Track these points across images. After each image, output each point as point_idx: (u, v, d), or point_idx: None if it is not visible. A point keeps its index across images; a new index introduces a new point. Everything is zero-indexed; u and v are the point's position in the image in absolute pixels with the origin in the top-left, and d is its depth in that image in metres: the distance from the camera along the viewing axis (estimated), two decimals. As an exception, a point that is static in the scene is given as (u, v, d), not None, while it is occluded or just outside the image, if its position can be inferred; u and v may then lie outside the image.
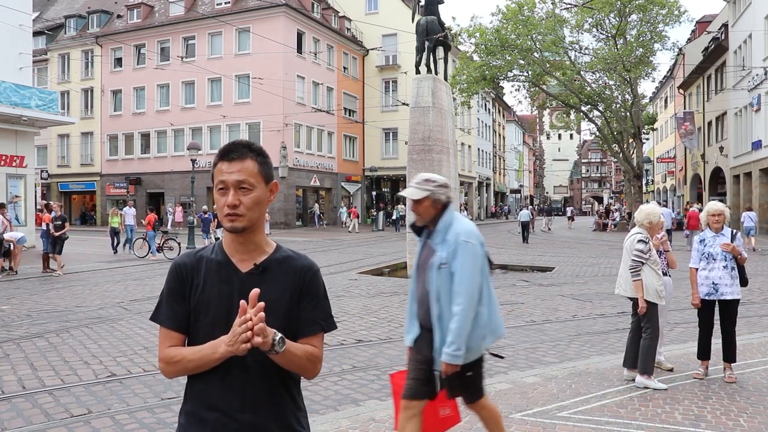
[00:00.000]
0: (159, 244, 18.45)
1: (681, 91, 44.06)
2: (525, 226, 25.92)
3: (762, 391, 5.03)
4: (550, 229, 37.92)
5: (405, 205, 33.09)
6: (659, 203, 42.13)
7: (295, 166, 35.36)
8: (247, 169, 1.65)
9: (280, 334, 1.55)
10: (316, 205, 39.09)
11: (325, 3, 40.61)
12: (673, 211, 33.65)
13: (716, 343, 5.48)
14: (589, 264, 16.21)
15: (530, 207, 42.24)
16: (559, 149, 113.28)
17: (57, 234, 13.87)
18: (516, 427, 4.22)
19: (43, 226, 14.87)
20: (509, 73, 32.90)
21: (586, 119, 36.61)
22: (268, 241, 1.74)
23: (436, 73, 15.39)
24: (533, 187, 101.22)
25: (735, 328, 5.42)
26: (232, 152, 1.66)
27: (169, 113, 36.76)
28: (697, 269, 5.50)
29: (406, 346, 3.33)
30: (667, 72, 50.95)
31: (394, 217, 36.10)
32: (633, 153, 34.18)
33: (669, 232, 18.54)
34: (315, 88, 37.47)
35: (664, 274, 5.59)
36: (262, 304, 1.51)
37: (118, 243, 19.83)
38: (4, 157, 20.72)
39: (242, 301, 1.52)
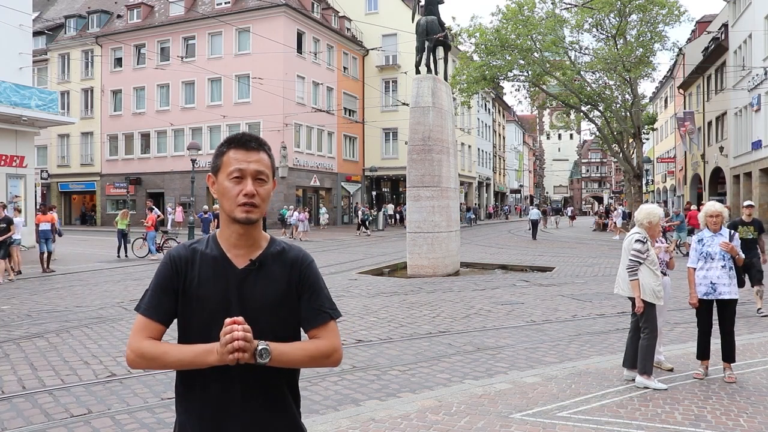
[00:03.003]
0: (159, 244, 18.45)
1: (681, 91, 44.04)
2: (534, 224, 27.85)
3: (762, 391, 5.04)
4: (557, 226, 41.27)
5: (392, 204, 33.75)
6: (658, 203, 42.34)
7: (295, 166, 35.36)
8: (264, 161, 1.64)
9: (263, 345, 1.50)
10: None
11: (325, 3, 40.60)
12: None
13: (716, 343, 5.48)
14: (589, 264, 16.21)
15: (538, 206, 43.04)
16: (559, 149, 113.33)
17: (0, 238, 12.47)
18: (516, 427, 4.22)
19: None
20: (509, 73, 32.84)
21: (586, 119, 36.57)
22: (263, 235, 1.70)
23: (436, 73, 15.39)
24: (533, 187, 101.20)
25: (734, 327, 5.42)
26: (250, 141, 1.63)
27: (169, 113, 36.76)
28: (695, 269, 5.51)
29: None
30: (667, 72, 50.93)
31: (361, 217, 30.75)
32: (633, 153, 34.15)
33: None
34: (315, 88, 37.47)
35: (663, 274, 5.60)
36: (240, 318, 1.48)
37: (125, 246, 18.24)
38: (4, 157, 20.72)
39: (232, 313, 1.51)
